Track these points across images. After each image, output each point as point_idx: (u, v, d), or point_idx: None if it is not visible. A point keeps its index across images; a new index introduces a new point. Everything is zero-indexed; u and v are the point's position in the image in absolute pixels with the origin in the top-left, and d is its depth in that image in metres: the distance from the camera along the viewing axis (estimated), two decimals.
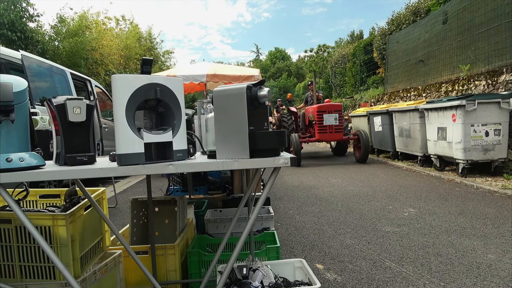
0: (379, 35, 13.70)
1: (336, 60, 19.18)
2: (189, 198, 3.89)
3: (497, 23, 6.88)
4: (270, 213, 3.23)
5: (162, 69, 23.21)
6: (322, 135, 9.28)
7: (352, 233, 3.60)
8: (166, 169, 1.43)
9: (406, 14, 12.01)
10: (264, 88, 1.52)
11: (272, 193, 5.67)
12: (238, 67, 14.05)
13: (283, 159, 1.46)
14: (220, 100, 1.53)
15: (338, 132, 9.28)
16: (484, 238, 3.28)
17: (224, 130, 1.51)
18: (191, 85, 10.31)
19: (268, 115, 1.63)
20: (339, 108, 9.46)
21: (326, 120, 9.11)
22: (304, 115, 10.41)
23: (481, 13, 7.39)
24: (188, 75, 9.13)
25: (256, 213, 1.50)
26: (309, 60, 37.58)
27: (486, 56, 7.17)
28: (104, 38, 16.51)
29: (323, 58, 28.96)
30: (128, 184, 7.22)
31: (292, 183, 6.61)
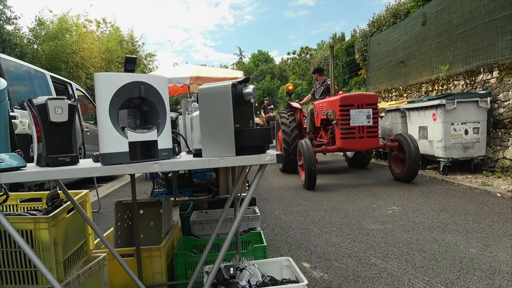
0: (360, 37, 13.90)
1: (318, 62, 19.35)
2: (174, 201, 3.86)
3: (474, 24, 7.06)
4: (256, 213, 3.23)
5: (144, 72, 22.97)
6: (348, 141, 5.95)
7: (338, 232, 3.63)
8: (151, 168, 1.42)
9: (386, 16, 12.23)
10: (249, 85, 1.52)
11: (258, 194, 5.68)
12: (222, 69, 14.03)
13: (269, 156, 1.46)
14: (205, 98, 1.53)
15: (372, 137, 5.97)
16: (465, 233, 3.36)
17: (210, 128, 1.51)
18: (174, 87, 10.26)
19: (253, 113, 1.63)
20: (373, 100, 6.08)
21: (355, 119, 5.93)
22: (312, 112, 7.58)
23: (458, 14, 7.59)
24: (171, 77, 9.07)
25: (241, 213, 1.50)
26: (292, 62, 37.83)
27: (464, 56, 7.35)
28: (85, 41, 16.24)
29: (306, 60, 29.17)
30: (112, 189, 7.11)
31: (277, 184, 6.62)
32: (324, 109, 6.76)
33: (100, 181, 7.76)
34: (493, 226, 3.52)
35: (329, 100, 6.66)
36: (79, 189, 5.77)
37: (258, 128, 1.51)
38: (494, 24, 6.56)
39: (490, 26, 6.66)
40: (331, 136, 6.76)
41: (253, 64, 50.77)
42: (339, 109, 6.03)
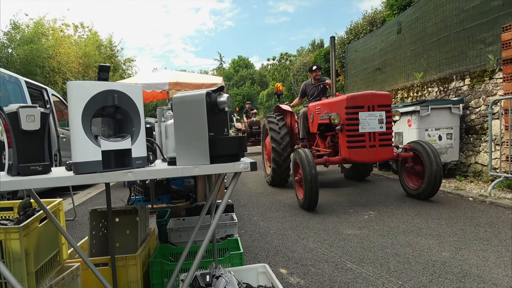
0: (338, 44, 14.14)
1: (298, 68, 19.59)
2: (152, 208, 3.82)
3: (447, 33, 7.31)
4: (233, 220, 3.24)
5: (123, 77, 22.71)
6: (357, 151, 4.84)
7: (315, 237, 3.67)
8: (124, 176, 1.41)
9: (363, 24, 12.50)
10: (224, 94, 1.54)
11: (237, 200, 5.68)
12: (201, 75, 14.00)
13: (243, 164, 1.48)
14: (179, 107, 1.54)
15: (385, 146, 4.85)
16: (438, 237, 3.45)
17: (184, 137, 1.52)
18: (153, 93, 10.17)
19: (228, 121, 1.65)
20: (387, 101, 4.92)
21: (364, 124, 4.81)
22: (305, 116, 6.48)
23: (432, 23, 7.83)
24: (150, 83, 9.01)
25: (216, 220, 1.51)
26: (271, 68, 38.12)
27: (438, 64, 7.59)
28: (62, 45, 15.95)
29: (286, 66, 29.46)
30: (88, 196, 6.97)
31: (256, 190, 6.64)
32: (323, 112, 5.67)
33: (76, 189, 7.59)
34: (465, 230, 3.63)
35: (331, 101, 5.53)
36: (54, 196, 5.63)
37: (233, 137, 1.53)
38: (465, 33, 6.81)
39: (461, 35, 6.91)
40: (332, 145, 5.74)
41: (233, 69, 50.84)
42: (345, 112, 4.83)
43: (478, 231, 3.56)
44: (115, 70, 23.42)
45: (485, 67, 6.13)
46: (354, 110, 4.84)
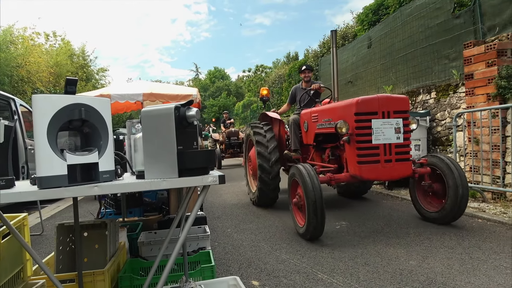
0: (312, 57, 14.44)
1: (273, 80, 19.81)
2: (123, 221, 3.76)
3: (413, 49, 7.62)
4: (206, 232, 3.23)
5: (96, 87, 22.31)
6: (369, 167, 3.99)
7: (288, 248, 3.70)
8: (91, 191, 1.40)
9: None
10: (192, 108, 1.56)
11: (211, 212, 5.65)
12: (176, 86, 13.97)
13: (212, 178, 1.50)
14: (148, 120, 1.55)
15: (403, 161, 4.06)
16: (406, 246, 3.55)
17: (153, 150, 1.52)
18: (127, 104, 10.06)
19: (198, 135, 1.66)
20: (404, 106, 4.11)
21: (378, 134, 3.98)
22: (296, 125, 5.59)
23: (400, 39, 8.14)
24: (123, 94, 8.90)
25: (185, 233, 1.51)
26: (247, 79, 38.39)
27: (406, 78, 7.87)
28: (32, 54, 15.54)
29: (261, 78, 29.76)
30: (57, 209, 6.76)
31: (231, 201, 6.63)
32: (322, 119, 4.77)
33: (44, 202, 7.35)
34: (431, 239, 3.74)
35: (334, 106, 4.56)
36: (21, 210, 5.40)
37: (201, 150, 1.55)
38: (431, 49, 7.11)
39: (427, 51, 7.22)
40: (333, 159, 4.83)
41: (210, 80, 50.85)
42: (355, 119, 3.95)
43: (443, 240, 3.69)
44: (88, 80, 22.99)
45: (450, 82, 6.42)
46: (366, 116, 3.95)
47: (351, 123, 4.01)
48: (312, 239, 3.86)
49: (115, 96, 8.64)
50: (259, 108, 23.24)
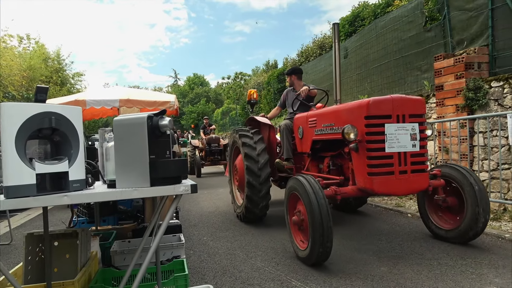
0: (290, 66, 14.60)
1: (252, 87, 19.92)
2: (96, 230, 3.69)
3: (387, 60, 7.84)
4: (181, 241, 3.21)
5: (71, 92, 21.82)
6: (382, 180, 3.40)
7: (263, 256, 3.72)
8: (60, 200, 1.39)
9: (313, 48, 13.06)
10: (166, 118, 1.57)
11: (187, 220, 5.61)
12: (154, 92, 13.86)
13: (184, 187, 1.51)
14: (120, 130, 1.55)
15: (419, 171, 3.52)
16: (378, 253, 3.63)
17: (124, 159, 1.52)
18: (102, 110, 9.89)
19: (171, 144, 1.67)
20: (420, 109, 3.59)
21: (393, 140, 3.44)
22: (289, 130, 5.07)
23: (374, 50, 8.37)
24: (99, 99, 8.76)
25: (156, 242, 1.51)
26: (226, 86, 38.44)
27: (380, 88, 8.09)
28: (3, 57, 15.09)
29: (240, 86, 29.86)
30: (27, 218, 6.56)
31: (207, 209, 6.60)
32: (321, 124, 4.19)
33: (14, 210, 7.11)
34: (402, 245, 3.84)
35: (339, 108, 3.95)
36: None
37: (174, 159, 1.56)
38: (404, 60, 7.34)
39: (400, 62, 7.44)
40: (333, 169, 4.29)
41: (189, 87, 50.58)
42: (365, 123, 3.39)
43: (414, 246, 3.79)
44: (63, 84, 22.46)
45: (421, 92, 6.63)
46: (378, 120, 3.38)
47: (361, 128, 3.41)
48: (317, 264, 3.31)
49: (90, 102, 8.50)
50: (238, 115, 23.29)
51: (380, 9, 8.94)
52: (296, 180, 3.52)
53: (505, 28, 5.19)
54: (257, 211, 4.91)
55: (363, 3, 10.39)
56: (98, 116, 11.67)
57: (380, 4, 9.08)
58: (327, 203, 3.18)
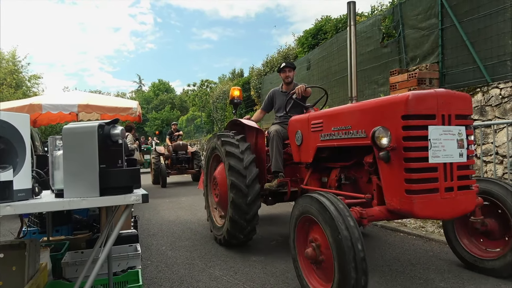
0: (255, 75, 14.77)
1: (217, 96, 19.91)
2: (48, 240, 3.55)
3: (347, 73, 8.12)
4: (137, 251, 3.15)
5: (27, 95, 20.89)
6: (426, 200, 2.56)
7: (222, 265, 3.72)
8: (3, 210, 1.35)
9: (278, 58, 13.28)
10: (118, 126, 1.57)
11: (146, 230, 5.50)
12: (115, 98, 13.53)
13: (135, 196, 1.50)
14: (70, 138, 1.52)
15: (467, 188, 2.74)
16: None
17: (73, 168, 1.50)
18: (60, 115, 9.56)
19: (123, 153, 1.66)
20: (468, 109, 2.77)
21: (437, 148, 2.60)
22: (280, 136, 4.26)
23: (335, 63, 8.65)
24: (57, 104, 8.46)
25: (105, 253, 1.49)
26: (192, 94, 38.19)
27: (341, 100, 8.35)
28: None
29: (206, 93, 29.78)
30: None
31: (168, 218, 6.50)
32: (331, 127, 3.34)
33: None
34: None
35: (359, 106, 3.08)
36: None
37: (126, 169, 1.55)
38: (362, 74, 7.63)
39: (360, 75, 7.72)
40: (347, 184, 3.47)
41: (153, 93, 49.79)
42: (403, 125, 2.60)
43: (367, 252, 3.92)
44: (18, 87, 21.49)
45: None
46: (420, 121, 2.59)
47: (396, 131, 2.62)
48: None
49: (47, 106, 8.21)
50: (203, 123, 23.17)
51: (341, 23, 9.26)
52: (311, 199, 2.64)
53: (453, 47, 5.55)
54: (242, 237, 4.10)
55: (326, 17, 10.72)
56: (55, 121, 11.28)
57: (342, 19, 9.41)
58: (359, 231, 2.35)
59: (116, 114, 9.53)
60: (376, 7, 8.98)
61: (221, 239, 4.36)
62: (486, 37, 5.29)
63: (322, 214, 2.47)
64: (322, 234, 2.51)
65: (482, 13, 5.31)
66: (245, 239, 4.23)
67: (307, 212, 2.68)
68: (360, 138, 2.94)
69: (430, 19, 5.99)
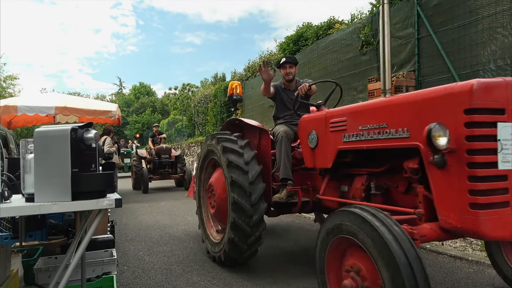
0: (237, 80, 14.79)
1: (199, 99, 19.84)
2: (20, 246, 3.46)
3: (328, 79, 8.24)
4: (112, 256, 3.11)
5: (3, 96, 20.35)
6: (494, 216, 2.01)
7: (200, 270, 3.70)
8: None
9: (259, 63, 13.34)
10: (91, 130, 1.55)
11: (124, 234, 5.42)
12: (94, 100, 13.27)
13: (108, 201, 1.49)
14: (41, 141, 1.50)
15: None
16: (308, 264, 3.74)
17: (45, 172, 1.48)
18: (36, 117, 9.35)
19: (97, 157, 1.65)
20: None
21: (508, 149, 2.07)
22: (289, 138, 3.72)
23: (316, 69, 8.76)
24: (33, 106, 8.30)
25: (77, 259, 1.47)
26: (173, 97, 37.92)
27: None
28: None
29: (187, 97, 29.63)
30: None
31: (146, 222, 6.42)
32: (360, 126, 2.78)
33: None
34: None
35: (405, 98, 2.53)
36: None
37: (99, 173, 1.54)
38: (342, 80, 7.73)
39: (339, 82, 7.83)
40: (377, 195, 2.83)
41: (134, 96, 49.18)
42: (466, 121, 2.06)
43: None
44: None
45: None
46: (488, 117, 2.08)
47: (456, 128, 2.10)
48: None
49: (22, 108, 8.04)
50: (184, 127, 23.02)
51: (322, 30, 9.40)
52: (351, 216, 2.07)
53: (429, 56, 5.71)
54: (245, 248, 3.47)
55: (307, 24, 10.85)
56: (32, 123, 11.04)
57: (322, 26, 9.55)
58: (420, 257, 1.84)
59: (94, 117, 9.39)
60: (355, 15, 9.15)
61: (220, 255, 3.69)
62: (460, 47, 5.46)
63: (373, 239, 1.90)
64: (364, 261, 2.02)
65: (456, 24, 5.48)
66: (248, 252, 3.54)
67: (346, 232, 2.08)
68: (400, 139, 2.41)
69: (407, 28, 6.15)
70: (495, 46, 5.11)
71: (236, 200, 3.35)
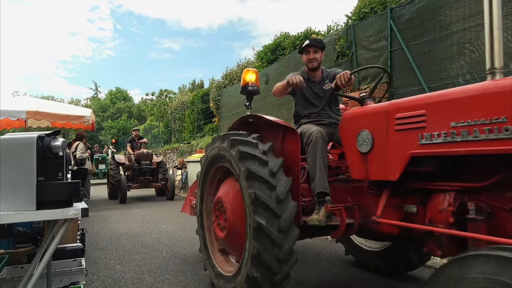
0: (214, 87, 14.81)
1: (176, 106, 19.71)
2: None
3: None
4: (81, 265, 3.04)
5: None
6: None
7: (171, 279, 3.66)
8: None
9: (237, 71, 13.41)
10: (59, 138, 1.53)
11: (95, 243, 5.30)
12: (68, 105, 13.02)
13: (74, 210, 1.47)
14: (7, 149, 1.47)
15: None
16: None
17: (9, 181, 1.45)
18: (6, 121, 9.07)
19: (64, 165, 1.63)
20: None
21: None
22: (324, 141, 2.89)
23: None
24: (3, 109, 8.05)
25: (41, 269, 1.45)
26: (150, 103, 37.48)
27: None
28: None
29: (164, 103, 29.35)
30: None
31: (118, 230, 6.30)
32: (452, 123, 1.94)
33: None
34: None
35: None
36: None
37: (65, 182, 1.52)
38: None
39: None
40: (479, 220, 1.91)
41: (110, 101, 48.34)
42: None
43: (319, 266, 4.02)
44: None
45: None
46: None
47: None
48: None
49: None
50: (160, 133, 22.77)
51: (299, 40, 9.56)
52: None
53: (401, 69, 5.90)
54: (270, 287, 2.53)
55: (285, 34, 11.01)
56: (1, 127, 10.67)
57: (299, 36, 9.71)
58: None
59: (68, 122, 9.20)
60: (331, 27, 9.36)
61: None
62: (430, 61, 5.68)
63: None
64: None
65: (427, 38, 5.70)
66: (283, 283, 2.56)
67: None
68: None
69: (381, 41, 6.34)
70: (463, 61, 5.34)
71: (261, 224, 2.42)
